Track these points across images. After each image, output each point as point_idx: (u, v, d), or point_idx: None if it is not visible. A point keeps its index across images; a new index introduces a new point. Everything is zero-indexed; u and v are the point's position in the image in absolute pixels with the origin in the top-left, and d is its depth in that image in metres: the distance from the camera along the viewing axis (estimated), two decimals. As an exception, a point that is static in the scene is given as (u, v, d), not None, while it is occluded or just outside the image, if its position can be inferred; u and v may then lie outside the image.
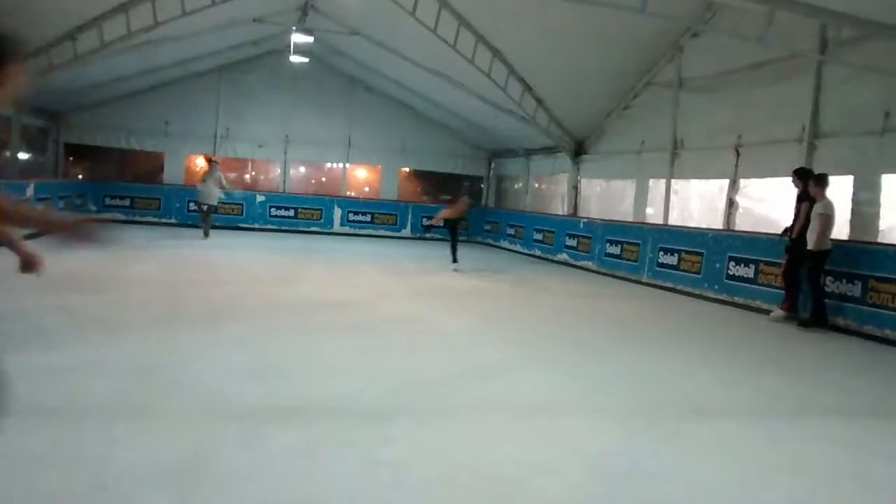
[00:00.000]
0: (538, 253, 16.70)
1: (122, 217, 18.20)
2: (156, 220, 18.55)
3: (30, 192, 13.13)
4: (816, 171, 8.99)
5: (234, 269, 11.07)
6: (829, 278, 8.69)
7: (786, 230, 9.08)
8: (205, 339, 6.04)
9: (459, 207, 13.04)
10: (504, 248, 18.73)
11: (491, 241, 19.79)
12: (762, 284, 9.85)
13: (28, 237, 2.95)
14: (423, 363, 5.75)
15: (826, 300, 8.57)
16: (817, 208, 8.47)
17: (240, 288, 9.25)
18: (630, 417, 4.60)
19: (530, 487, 3.36)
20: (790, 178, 9.16)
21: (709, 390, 5.53)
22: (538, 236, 16.95)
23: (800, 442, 4.34)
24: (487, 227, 20.22)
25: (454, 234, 12.99)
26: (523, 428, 4.23)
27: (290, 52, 16.45)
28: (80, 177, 20.51)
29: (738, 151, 11.32)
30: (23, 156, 16.50)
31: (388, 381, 5.11)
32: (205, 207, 15.53)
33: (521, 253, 17.56)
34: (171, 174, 19.53)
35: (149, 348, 5.53)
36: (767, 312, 9.30)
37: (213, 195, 15.30)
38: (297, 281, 10.36)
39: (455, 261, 12.55)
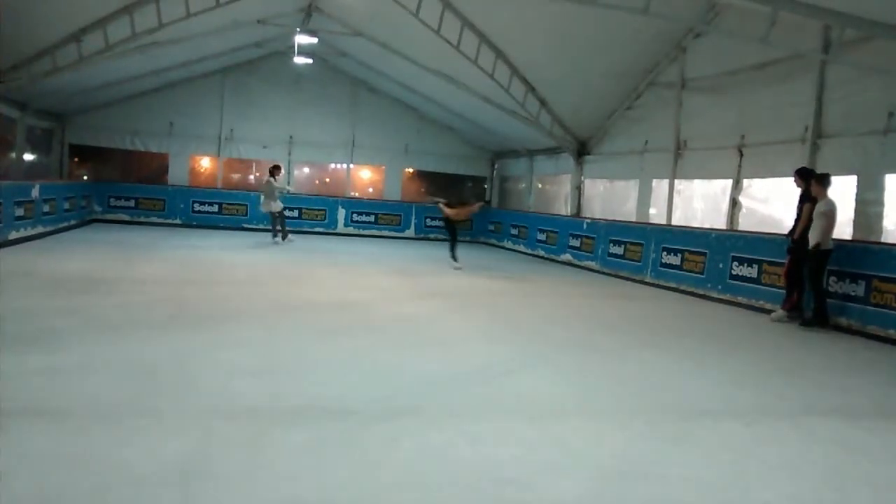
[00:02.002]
0: (542, 253, 16.72)
1: (126, 218, 18.34)
2: (160, 220, 18.63)
3: (35, 193, 13.18)
4: (820, 171, 9.01)
5: (239, 270, 11.09)
6: (832, 278, 8.70)
7: (791, 231, 9.09)
8: (209, 339, 6.06)
9: (467, 210, 13.26)
10: (507, 249, 18.76)
11: (494, 242, 19.82)
12: (765, 284, 9.86)
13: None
14: (427, 363, 5.76)
15: (829, 300, 8.58)
16: (819, 207, 8.49)
17: (244, 288, 9.28)
18: (633, 417, 4.61)
19: (534, 488, 3.37)
20: (792, 179, 9.17)
21: (712, 390, 5.54)
22: (542, 236, 16.96)
23: (803, 442, 4.34)
24: (491, 227, 20.25)
25: (454, 233, 13.12)
26: (527, 428, 4.24)
27: (293, 53, 16.50)
28: (85, 178, 20.58)
29: (741, 151, 11.33)
30: (28, 157, 16.58)
31: (393, 381, 5.13)
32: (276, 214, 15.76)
33: (524, 253, 17.59)
34: (176, 175, 19.60)
35: (153, 349, 5.55)
36: (771, 312, 9.31)
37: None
38: (301, 281, 10.39)
39: (455, 259, 12.70)
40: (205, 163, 21.58)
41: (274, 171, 15.68)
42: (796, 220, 8.94)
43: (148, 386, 4.55)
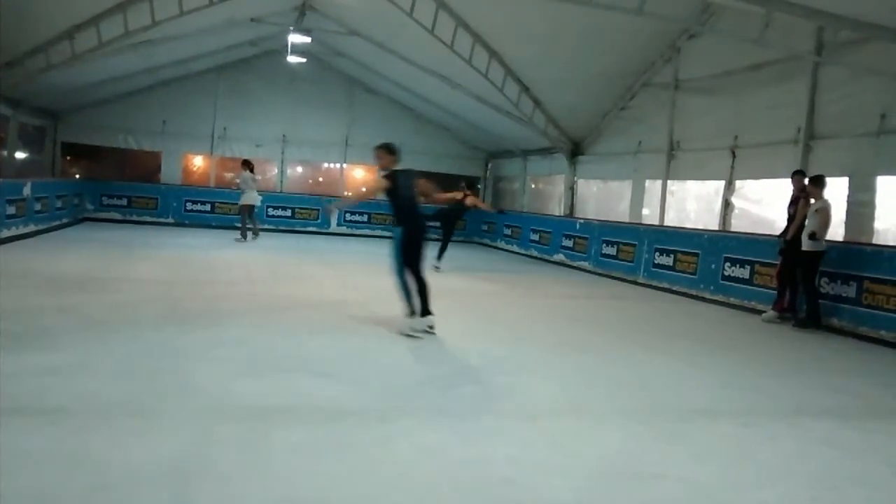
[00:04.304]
0: (535, 253, 16.74)
1: (119, 216, 18.26)
2: (153, 219, 18.55)
3: (27, 191, 13.11)
4: (812, 173, 9.07)
5: (233, 269, 11.06)
6: (824, 279, 8.76)
7: (783, 232, 9.13)
8: (205, 338, 6.05)
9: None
10: (500, 249, 18.78)
11: (488, 242, 19.84)
12: (757, 285, 9.91)
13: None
14: (422, 363, 5.77)
15: (821, 301, 8.63)
16: (814, 206, 8.53)
17: (239, 287, 9.25)
18: (627, 418, 4.63)
19: (529, 488, 3.38)
20: (789, 180, 9.21)
21: (705, 391, 5.57)
22: (535, 237, 16.99)
23: (796, 442, 4.37)
24: (484, 227, 20.25)
25: (448, 232, 12.94)
26: (523, 429, 4.26)
27: (287, 52, 16.46)
28: (77, 176, 20.48)
29: (734, 153, 11.38)
30: (20, 155, 16.49)
31: (388, 381, 5.14)
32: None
33: (517, 253, 17.60)
34: (169, 174, 19.52)
35: (149, 348, 5.54)
36: (762, 313, 9.35)
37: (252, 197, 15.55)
38: (295, 281, 10.37)
39: (438, 259, 12.49)
40: (198, 161, 21.49)
41: (250, 165, 15.64)
42: (789, 221, 8.99)
43: (145, 385, 4.53)
